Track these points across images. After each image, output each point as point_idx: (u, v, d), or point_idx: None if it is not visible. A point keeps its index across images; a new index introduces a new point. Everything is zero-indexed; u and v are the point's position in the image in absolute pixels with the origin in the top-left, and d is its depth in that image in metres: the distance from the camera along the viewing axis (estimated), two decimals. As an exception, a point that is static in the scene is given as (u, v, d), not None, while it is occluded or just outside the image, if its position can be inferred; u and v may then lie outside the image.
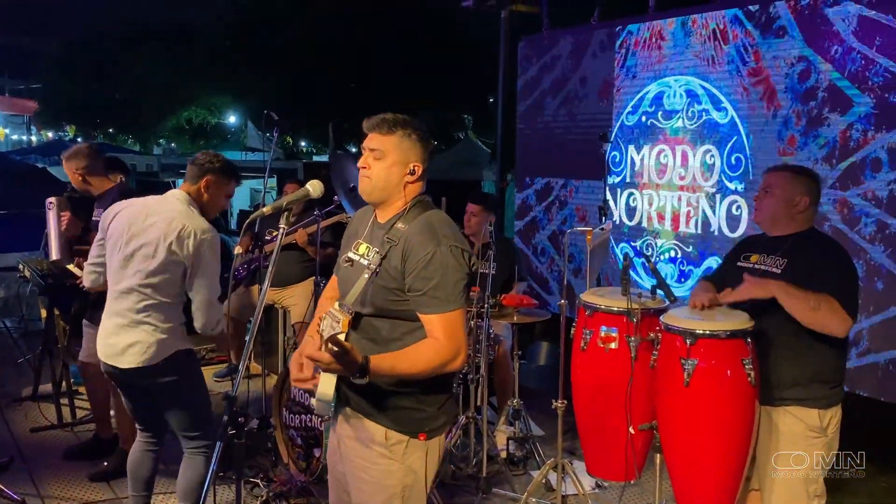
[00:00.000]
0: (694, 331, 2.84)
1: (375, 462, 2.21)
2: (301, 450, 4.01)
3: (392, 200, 2.23)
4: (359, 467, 2.25)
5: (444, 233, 2.16)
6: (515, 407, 4.25)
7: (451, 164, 16.41)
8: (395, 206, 2.23)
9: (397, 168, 2.19)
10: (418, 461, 2.22)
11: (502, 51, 6.58)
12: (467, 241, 2.28)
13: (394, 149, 2.18)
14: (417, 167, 2.21)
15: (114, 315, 3.11)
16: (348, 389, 2.23)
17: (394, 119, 2.20)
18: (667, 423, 3.01)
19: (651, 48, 5.19)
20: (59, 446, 4.51)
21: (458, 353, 2.12)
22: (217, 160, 3.25)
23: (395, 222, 2.20)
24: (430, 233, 2.14)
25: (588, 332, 3.23)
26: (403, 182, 2.21)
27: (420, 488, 2.24)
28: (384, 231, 2.21)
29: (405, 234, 2.16)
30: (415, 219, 2.19)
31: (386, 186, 2.20)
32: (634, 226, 5.34)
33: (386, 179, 2.19)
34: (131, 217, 3.09)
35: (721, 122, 4.74)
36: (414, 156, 2.21)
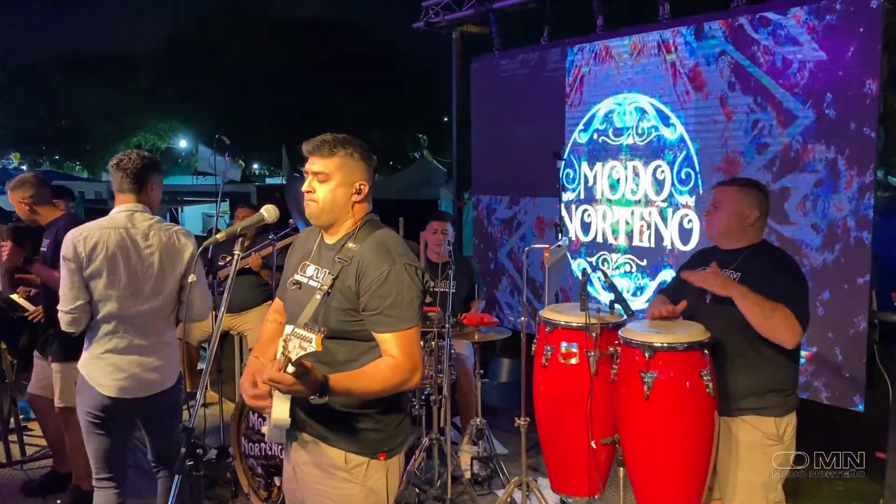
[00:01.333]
0: (652, 344, 2.88)
1: (336, 486, 2.18)
2: (262, 479, 3.94)
3: (340, 221, 2.22)
4: (319, 493, 2.22)
5: (398, 251, 2.16)
6: (479, 426, 4.24)
7: (407, 184, 16.43)
8: (344, 227, 2.22)
9: (343, 189, 2.18)
10: (379, 482, 2.20)
11: (454, 71, 6.62)
12: (426, 260, 2.28)
13: (337, 170, 2.17)
14: (363, 186, 2.21)
15: (134, 345, 3.06)
16: (304, 414, 2.20)
17: (333, 139, 2.19)
18: (628, 437, 3.03)
19: (600, 67, 5.28)
20: (11, 485, 4.35)
21: (416, 370, 2.12)
22: (143, 157, 3.18)
23: (345, 242, 2.19)
24: (384, 251, 2.14)
25: (549, 349, 3.25)
26: (351, 202, 2.20)
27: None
28: (334, 251, 2.19)
29: (358, 253, 2.14)
30: (366, 238, 2.18)
31: (333, 209, 2.19)
32: (589, 241, 5.40)
33: (332, 202, 2.18)
34: (121, 243, 3.02)
35: (670, 137, 4.84)
36: (358, 175, 2.20)
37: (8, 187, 4.00)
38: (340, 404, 2.14)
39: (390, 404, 2.20)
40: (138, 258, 3.05)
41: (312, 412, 2.18)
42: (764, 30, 4.29)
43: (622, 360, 3.03)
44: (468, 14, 6.05)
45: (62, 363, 3.89)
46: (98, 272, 2.99)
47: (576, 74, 5.46)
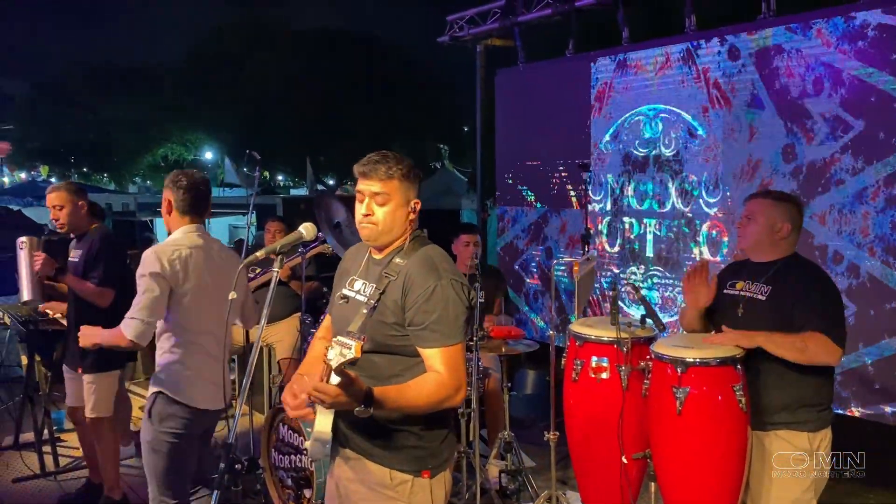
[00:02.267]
0: (684, 359, 2.86)
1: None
2: (291, 491, 3.95)
3: (398, 237, 2.22)
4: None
5: (444, 267, 2.16)
6: (507, 439, 4.23)
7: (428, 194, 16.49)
8: (395, 243, 2.23)
9: (402, 210, 2.18)
10: (424, 500, 2.18)
11: (478, 83, 6.66)
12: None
13: (396, 191, 2.16)
14: (417, 203, 2.22)
15: (214, 358, 3.14)
16: (348, 430, 2.20)
17: (386, 160, 2.17)
18: (660, 452, 3.02)
19: (626, 78, 5.29)
20: (44, 496, 4.41)
21: (460, 387, 2.10)
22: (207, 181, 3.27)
23: (392, 257, 2.19)
24: (431, 267, 2.14)
25: (579, 363, 3.24)
26: (408, 221, 2.21)
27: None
28: (381, 266, 2.20)
29: (404, 268, 2.15)
30: (413, 253, 2.18)
31: (392, 229, 2.19)
32: (616, 253, 5.39)
33: (392, 223, 2.18)
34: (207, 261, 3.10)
35: (697, 148, 4.83)
36: (413, 193, 2.21)
37: (59, 189, 4.02)
38: (384, 420, 2.13)
39: (434, 420, 2.18)
40: (218, 274, 3.12)
41: (356, 428, 2.17)
42: (790, 41, 4.28)
43: (654, 375, 3.02)
44: (493, 27, 6.09)
45: (95, 374, 3.95)
46: (190, 289, 3.04)
47: (601, 86, 5.46)
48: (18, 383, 6.36)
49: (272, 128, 19.28)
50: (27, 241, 3.90)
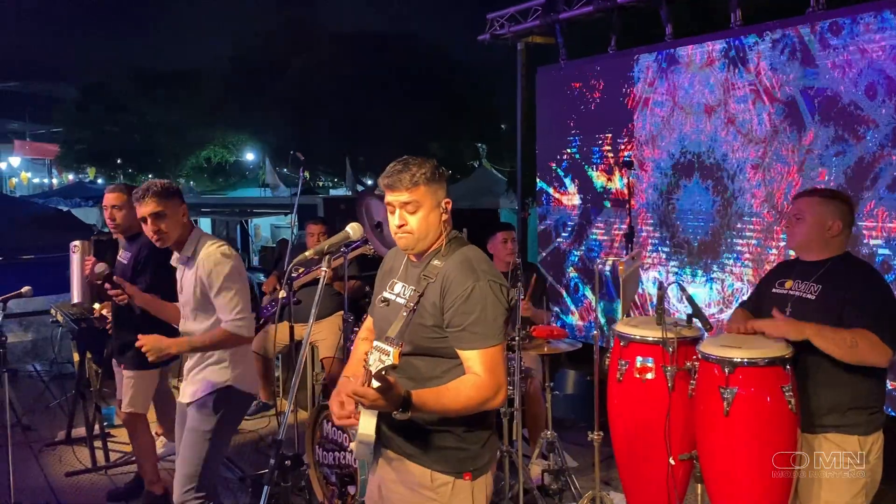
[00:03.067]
0: (732, 359, 2.83)
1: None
2: (335, 488, 3.99)
3: (435, 239, 2.22)
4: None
5: (483, 268, 2.15)
6: (549, 439, 4.22)
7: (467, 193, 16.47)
8: (434, 245, 2.23)
9: (434, 213, 2.18)
10: (465, 501, 2.18)
11: (519, 81, 6.64)
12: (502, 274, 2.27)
13: (424, 197, 2.16)
14: (448, 203, 2.22)
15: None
16: (390, 431, 2.21)
17: (408, 168, 2.16)
18: (707, 453, 2.98)
19: (669, 75, 5.22)
20: (95, 490, 4.53)
21: (500, 389, 2.09)
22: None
23: (431, 259, 2.20)
24: (469, 268, 2.13)
25: (624, 363, 3.22)
26: (442, 222, 2.21)
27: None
28: (420, 269, 2.21)
29: (443, 270, 2.15)
30: (451, 255, 2.18)
31: (427, 235, 2.19)
32: (661, 252, 5.33)
33: (426, 228, 2.18)
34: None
35: (744, 144, 4.75)
36: (442, 193, 2.20)
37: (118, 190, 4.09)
38: (425, 421, 2.14)
39: (476, 422, 2.18)
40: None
41: (398, 429, 2.18)
42: (839, 35, 4.18)
43: (700, 376, 2.99)
44: (534, 25, 6.07)
45: (135, 370, 4.04)
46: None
47: (644, 83, 5.41)
48: (70, 380, 6.55)
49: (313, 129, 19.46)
50: (79, 245, 3.99)
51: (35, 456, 5.07)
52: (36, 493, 4.38)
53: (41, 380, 7.06)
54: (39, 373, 7.32)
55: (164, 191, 3.15)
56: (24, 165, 35.75)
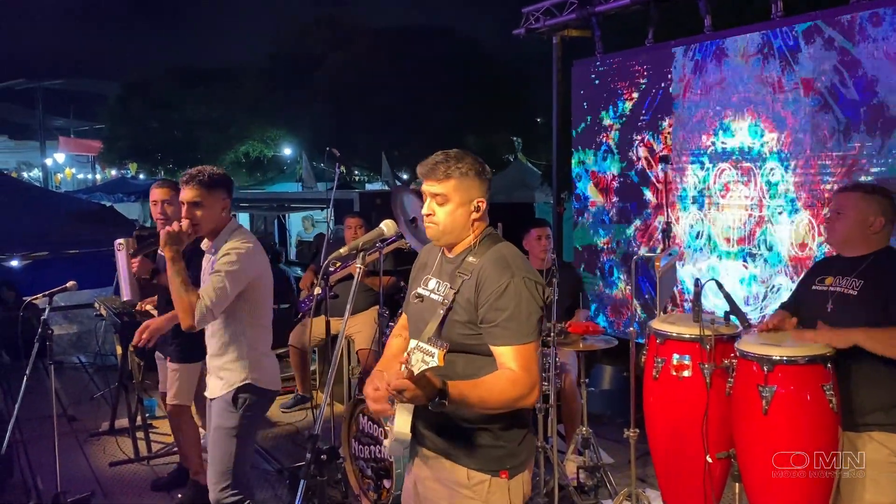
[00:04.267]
0: (771, 357, 2.79)
1: (459, 503, 2.18)
2: (371, 481, 4.04)
3: (461, 239, 2.22)
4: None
5: (517, 264, 2.15)
6: (585, 435, 4.20)
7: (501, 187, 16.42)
8: (464, 242, 2.23)
9: (462, 209, 2.18)
10: (502, 499, 2.17)
11: (555, 75, 6.59)
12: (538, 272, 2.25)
13: (454, 191, 2.16)
14: (481, 203, 2.20)
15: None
16: (426, 429, 2.22)
17: (447, 160, 2.17)
18: (745, 452, 2.95)
19: (709, 68, 5.14)
20: (138, 480, 4.63)
21: (534, 386, 2.07)
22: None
23: (465, 256, 2.19)
24: (504, 265, 2.13)
25: (660, 361, 3.20)
26: (471, 220, 2.20)
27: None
28: (455, 265, 2.20)
29: (477, 266, 2.14)
30: (486, 251, 2.18)
31: (454, 229, 2.20)
32: (699, 248, 5.26)
33: (453, 223, 2.19)
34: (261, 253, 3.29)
35: (784, 139, 4.66)
36: (475, 192, 2.19)
37: (167, 185, 4.14)
38: (461, 419, 2.14)
39: (512, 420, 2.17)
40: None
41: (434, 427, 2.20)
42: (880, 26, 4.07)
43: (738, 374, 2.95)
44: (569, 18, 6.02)
45: (180, 363, 4.12)
46: (263, 280, 3.23)
47: (682, 76, 5.33)
48: (113, 372, 6.71)
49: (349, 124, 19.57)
50: (124, 242, 4.06)
51: (80, 446, 5.20)
52: (81, 482, 4.50)
53: (85, 371, 7.25)
54: (84, 364, 7.51)
55: (210, 180, 3.12)
56: (68, 161, 36.62)
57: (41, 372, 6.02)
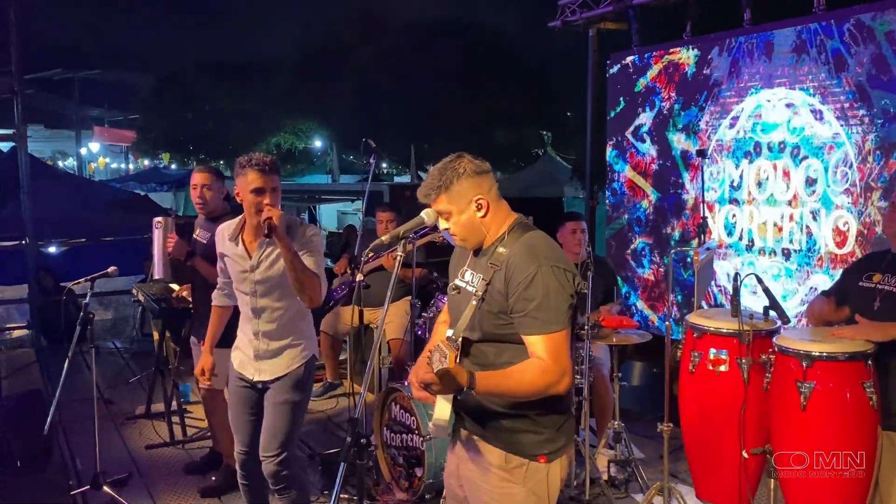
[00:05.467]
0: (810, 353, 2.77)
1: (497, 485, 2.21)
2: (402, 469, 4.07)
3: (485, 236, 2.25)
4: (481, 491, 2.26)
5: (546, 253, 2.15)
6: (616, 429, 4.19)
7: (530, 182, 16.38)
8: (491, 234, 2.25)
9: (466, 215, 2.22)
10: (540, 484, 2.20)
11: (590, 69, 6.56)
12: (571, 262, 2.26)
13: (449, 203, 2.21)
14: (481, 200, 2.21)
15: None
16: (466, 414, 2.25)
17: (433, 180, 2.22)
18: (782, 448, 2.93)
19: (747, 62, 5.08)
20: (173, 463, 4.71)
21: (564, 374, 2.09)
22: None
23: (496, 247, 2.22)
24: (531, 254, 2.14)
25: (697, 355, 3.18)
26: (478, 220, 2.22)
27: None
28: (487, 257, 2.23)
29: (506, 257, 2.16)
30: (515, 241, 2.20)
31: (470, 234, 2.24)
32: (734, 243, 5.21)
33: (464, 230, 2.24)
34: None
35: (824, 134, 4.59)
36: (471, 193, 2.21)
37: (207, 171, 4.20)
38: (499, 405, 2.18)
39: (550, 406, 2.18)
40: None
41: (473, 412, 2.22)
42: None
43: (777, 369, 2.93)
44: (606, 11, 5.98)
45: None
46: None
47: (720, 70, 5.28)
48: (147, 357, 6.83)
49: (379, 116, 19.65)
50: (163, 221, 4.12)
51: (117, 429, 5.30)
52: (119, 464, 4.59)
53: (121, 357, 7.38)
54: (119, 350, 7.65)
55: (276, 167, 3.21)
56: (102, 151, 37.18)
57: (79, 357, 6.17)
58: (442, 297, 4.79)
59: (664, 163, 5.76)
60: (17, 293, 8.70)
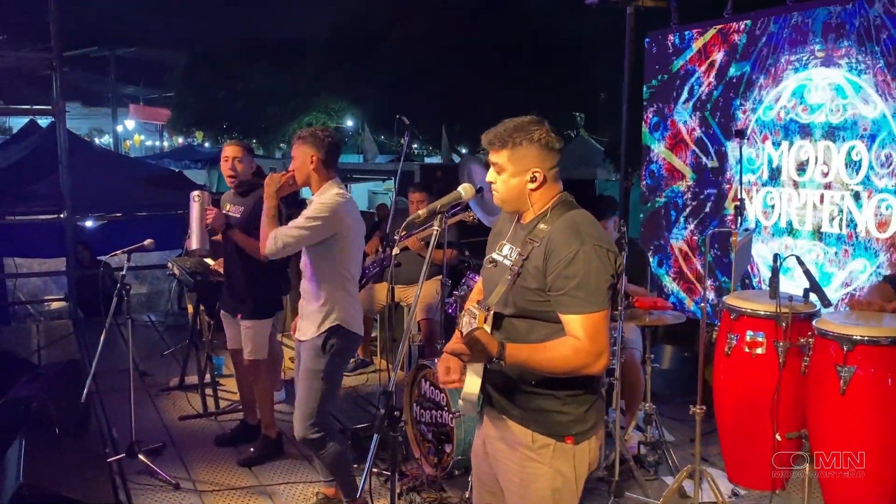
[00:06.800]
0: (852, 336, 2.71)
1: (523, 464, 2.20)
2: (431, 445, 4.09)
3: (526, 207, 2.23)
4: (508, 469, 2.25)
5: (588, 231, 2.12)
6: (648, 411, 4.16)
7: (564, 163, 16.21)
8: (535, 209, 2.22)
9: (516, 179, 2.18)
10: (566, 465, 2.18)
11: (627, 47, 6.44)
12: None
13: (508, 162, 2.18)
14: (538, 173, 2.17)
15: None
16: (494, 391, 2.25)
17: (504, 131, 2.18)
18: (819, 433, 2.89)
19: (790, 40, 4.96)
20: (206, 434, 4.79)
21: (600, 355, 2.06)
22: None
23: (537, 223, 2.18)
24: (574, 232, 2.10)
25: (733, 337, 3.14)
26: (527, 191, 2.19)
27: (571, 491, 2.20)
28: (526, 232, 2.20)
29: (548, 233, 2.13)
30: (558, 219, 2.16)
31: (510, 198, 2.22)
32: (772, 226, 5.12)
33: (508, 191, 2.21)
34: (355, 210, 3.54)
35: (869, 115, 4.47)
36: (531, 162, 2.17)
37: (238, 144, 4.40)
38: (527, 383, 2.16)
39: (579, 386, 2.17)
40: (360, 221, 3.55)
41: (501, 390, 2.22)
42: None
43: (815, 353, 2.88)
44: (645, -12, 5.87)
45: (253, 320, 4.25)
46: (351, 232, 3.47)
47: (762, 48, 5.15)
48: (180, 330, 6.94)
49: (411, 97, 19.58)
50: (200, 194, 4.18)
51: (152, 400, 5.40)
52: (153, 434, 4.68)
53: (155, 329, 7.50)
54: (154, 323, 7.78)
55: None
56: (137, 128, 37.64)
57: (114, 328, 6.28)
58: (473, 276, 4.78)
59: (701, 143, 5.66)
60: (56, 266, 8.89)
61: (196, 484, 4.06)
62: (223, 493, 3.97)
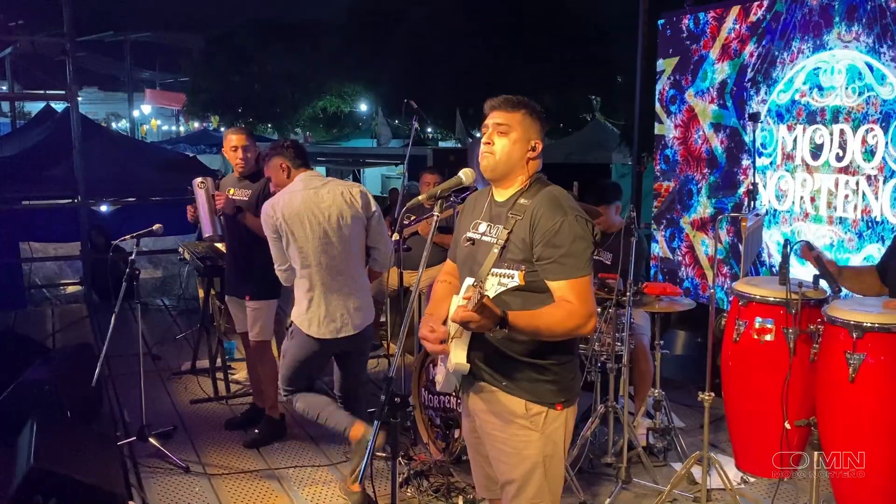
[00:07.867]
0: (862, 323, 2.67)
1: (515, 434, 2.28)
2: (440, 430, 4.10)
3: (513, 177, 2.32)
4: (498, 440, 2.32)
5: (569, 204, 2.25)
6: (657, 397, 4.14)
7: (578, 147, 16.11)
8: (515, 183, 2.32)
9: (520, 144, 2.29)
10: (557, 431, 2.30)
11: (640, 28, 6.36)
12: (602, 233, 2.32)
13: (518, 124, 2.29)
14: (538, 144, 2.31)
15: (332, 292, 3.70)
16: (484, 364, 2.31)
17: (517, 98, 2.32)
18: (828, 421, 2.85)
19: (806, 21, 4.86)
20: (216, 417, 4.83)
21: (591, 315, 2.19)
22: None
23: (517, 198, 2.29)
24: (557, 205, 2.23)
25: (741, 323, 3.10)
26: (525, 158, 2.30)
27: (559, 457, 2.32)
28: (506, 208, 2.29)
29: (530, 206, 2.24)
30: (537, 193, 2.27)
31: (508, 161, 2.29)
32: (785, 211, 5.05)
33: (509, 154, 2.29)
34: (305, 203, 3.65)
35: (886, 97, 4.38)
36: (534, 133, 2.31)
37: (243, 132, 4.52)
38: (520, 354, 2.25)
39: (566, 354, 2.31)
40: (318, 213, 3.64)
41: (493, 362, 2.29)
42: None
43: (825, 340, 2.84)
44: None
45: (258, 301, 4.27)
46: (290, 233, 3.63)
47: (777, 29, 5.06)
48: (193, 314, 6.98)
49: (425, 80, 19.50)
50: (204, 181, 4.20)
51: (163, 383, 5.45)
52: (164, 417, 4.73)
53: (168, 314, 7.56)
54: (167, 307, 7.84)
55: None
56: (153, 113, 37.78)
57: (128, 313, 6.34)
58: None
59: (715, 127, 5.58)
60: (71, 250, 8.97)
61: (206, 467, 4.10)
62: (233, 476, 4.00)
